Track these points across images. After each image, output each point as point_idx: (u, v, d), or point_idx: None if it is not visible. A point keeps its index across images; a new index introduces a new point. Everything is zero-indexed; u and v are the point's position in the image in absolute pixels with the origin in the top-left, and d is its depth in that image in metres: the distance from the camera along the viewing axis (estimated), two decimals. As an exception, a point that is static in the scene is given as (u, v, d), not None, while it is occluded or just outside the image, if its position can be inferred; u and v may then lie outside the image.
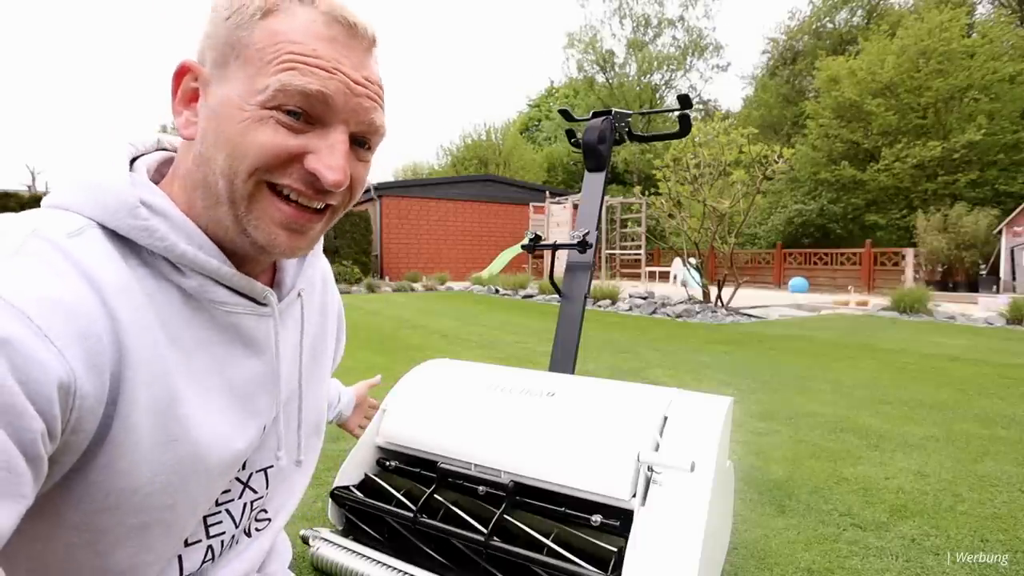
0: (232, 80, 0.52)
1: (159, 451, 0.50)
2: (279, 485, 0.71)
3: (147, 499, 0.51)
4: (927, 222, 13.71)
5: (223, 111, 0.51)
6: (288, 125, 0.51)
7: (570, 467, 1.17)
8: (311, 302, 0.72)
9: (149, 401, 0.49)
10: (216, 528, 0.63)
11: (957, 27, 17.01)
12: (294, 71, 0.50)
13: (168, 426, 0.51)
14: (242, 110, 0.51)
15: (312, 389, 0.72)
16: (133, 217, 0.51)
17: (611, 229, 14.53)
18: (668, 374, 4.03)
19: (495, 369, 1.55)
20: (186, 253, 0.52)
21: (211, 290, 0.55)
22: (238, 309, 0.58)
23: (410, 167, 40.14)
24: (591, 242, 1.92)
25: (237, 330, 0.58)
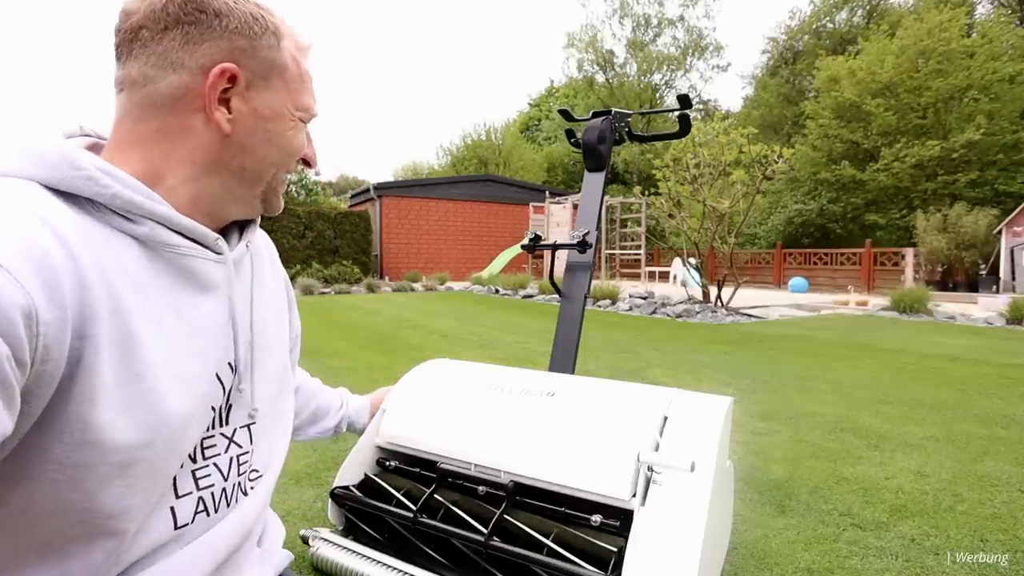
0: (277, 92, 0.65)
1: (124, 384, 0.52)
2: (261, 439, 0.74)
3: (123, 433, 0.52)
4: (927, 222, 13.71)
5: (275, 117, 0.65)
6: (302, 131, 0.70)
7: (570, 467, 1.17)
8: (261, 260, 0.78)
9: (110, 336, 0.51)
10: (205, 480, 0.65)
11: (957, 27, 17.02)
12: (311, 97, 0.69)
13: (130, 363, 0.53)
14: (292, 119, 0.66)
15: (270, 341, 0.76)
16: (75, 168, 0.53)
17: (611, 229, 14.53)
18: (668, 374, 4.04)
19: (495, 369, 1.55)
20: (133, 199, 0.55)
21: (162, 234, 0.57)
22: (192, 251, 0.61)
23: (410, 167, 40.14)
24: (591, 242, 1.91)
25: (193, 274, 0.61)
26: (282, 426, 0.80)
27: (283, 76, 0.64)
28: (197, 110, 0.59)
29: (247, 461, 0.72)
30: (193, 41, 0.58)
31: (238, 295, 0.68)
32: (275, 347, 0.78)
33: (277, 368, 0.78)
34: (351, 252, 15.46)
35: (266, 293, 0.77)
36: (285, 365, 0.81)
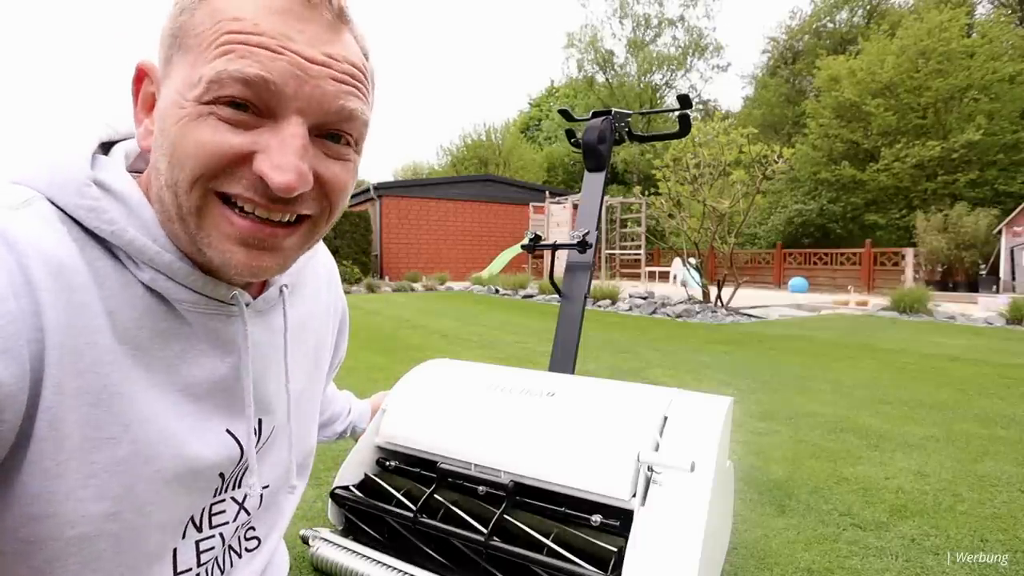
0: (175, 76, 0.45)
1: (91, 451, 0.45)
2: (269, 504, 0.65)
3: (83, 505, 0.45)
4: (927, 222, 13.71)
5: (164, 112, 0.45)
6: (230, 120, 0.43)
7: (570, 467, 1.17)
8: (302, 298, 0.65)
9: (79, 392, 0.44)
10: (207, 555, 0.57)
11: (957, 27, 17.02)
12: (229, 55, 0.42)
13: (104, 423, 0.45)
14: (180, 107, 0.44)
15: (300, 399, 0.66)
16: (80, 195, 0.46)
17: (611, 229, 14.53)
18: (668, 374, 4.03)
19: (495, 369, 1.55)
20: (134, 241, 0.46)
21: (166, 287, 0.48)
22: (199, 308, 0.51)
23: (410, 167, 40.17)
24: (591, 242, 1.91)
25: (203, 328, 0.52)
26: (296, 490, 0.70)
27: (183, 46, 0.45)
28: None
29: (247, 524, 0.63)
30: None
31: (262, 349, 0.57)
32: (306, 398, 0.68)
33: (306, 433, 0.69)
34: (351, 252, 15.46)
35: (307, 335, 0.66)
36: (314, 420, 0.72)
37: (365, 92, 0.49)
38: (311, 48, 0.44)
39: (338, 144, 0.49)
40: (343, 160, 0.49)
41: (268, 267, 0.49)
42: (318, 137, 0.47)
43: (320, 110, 0.45)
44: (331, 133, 0.48)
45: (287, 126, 0.44)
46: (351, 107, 0.47)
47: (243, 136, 0.44)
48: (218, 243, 0.46)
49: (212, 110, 0.43)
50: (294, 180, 0.44)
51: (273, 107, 0.44)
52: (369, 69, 0.50)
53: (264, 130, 0.44)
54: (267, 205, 0.45)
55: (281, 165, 0.43)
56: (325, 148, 0.48)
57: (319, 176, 0.47)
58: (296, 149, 0.44)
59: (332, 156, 0.48)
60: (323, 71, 0.45)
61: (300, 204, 0.47)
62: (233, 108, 0.43)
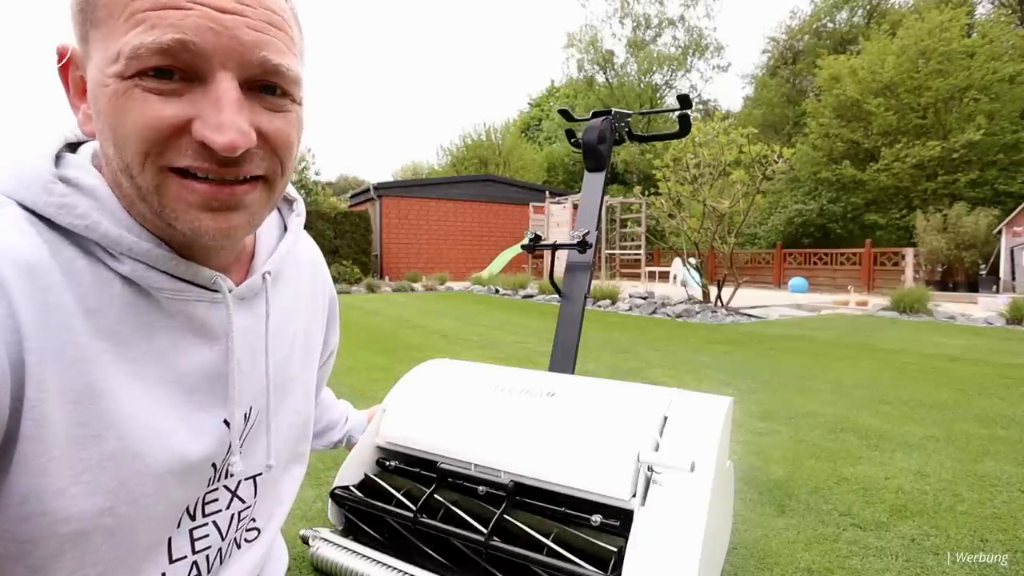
0: (94, 55, 0.43)
1: (79, 447, 0.44)
2: (267, 492, 0.65)
3: (75, 502, 0.45)
4: (927, 222, 13.71)
5: (92, 94, 0.44)
6: (158, 90, 0.42)
7: (570, 467, 1.17)
8: (286, 286, 0.64)
9: (62, 389, 0.43)
10: (202, 542, 0.57)
11: (957, 27, 17.02)
12: (142, 25, 0.40)
13: (89, 420, 0.45)
14: (104, 86, 0.42)
15: (289, 386, 0.65)
16: (48, 192, 0.45)
17: (611, 229, 14.53)
18: (668, 374, 4.03)
19: (495, 369, 1.55)
20: (109, 233, 0.45)
21: (146, 276, 0.48)
22: (183, 295, 0.50)
23: (410, 167, 40.17)
24: (591, 242, 1.91)
25: (186, 317, 0.51)
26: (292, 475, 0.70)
27: (94, 20, 0.42)
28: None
29: (247, 516, 0.63)
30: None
31: (245, 341, 0.57)
32: (299, 393, 0.68)
33: (296, 418, 0.68)
34: (351, 252, 15.46)
35: (294, 323, 0.65)
36: (308, 408, 0.71)
37: (288, 39, 0.47)
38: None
39: (275, 96, 0.47)
40: (283, 112, 0.48)
41: (238, 226, 0.48)
42: (252, 91, 0.45)
43: (244, 62, 0.43)
44: (265, 85, 0.46)
45: (217, 85, 0.42)
46: (274, 61, 0.45)
47: (175, 104, 0.42)
48: (183, 214, 0.45)
49: (137, 83, 0.41)
50: (235, 138, 0.42)
51: (197, 67, 0.42)
52: (289, 10, 0.48)
53: (195, 94, 0.43)
54: (217, 170, 0.44)
55: (220, 125, 0.42)
56: (263, 102, 0.46)
57: (262, 132, 0.46)
58: (231, 105, 0.42)
59: (272, 109, 0.47)
60: (237, 20, 0.42)
61: (249, 163, 0.46)
62: (157, 78, 0.41)
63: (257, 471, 0.62)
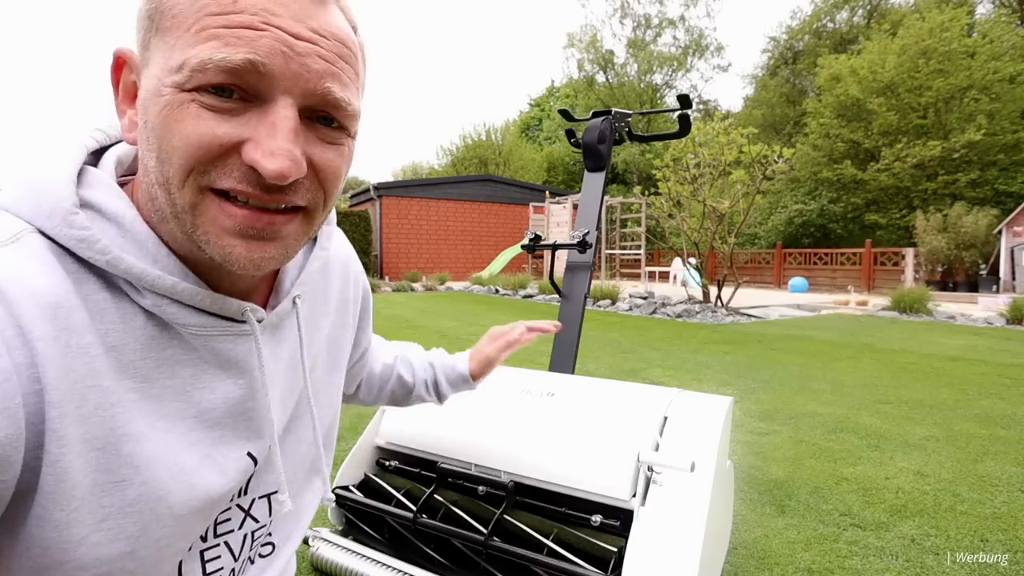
0: (153, 61, 0.42)
1: (103, 495, 0.43)
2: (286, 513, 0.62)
3: (96, 548, 0.43)
4: (927, 222, 13.72)
5: (145, 101, 0.42)
6: (215, 107, 0.40)
7: (570, 467, 1.17)
8: (316, 305, 0.62)
9: (85, 438, 0.41)
10: (213, 564, 0.55)
11: (958, 27, 17.02)
12: (214, 41, 0.39)
13: (113, 466, 0.43)
14: (159, 95, 0.40)
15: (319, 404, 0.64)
16: (68, 225, 0.42)
17: (611, 229, 14.53)
18: (668, 374, 4.03)
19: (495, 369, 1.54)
20: (132, 268, 0.43)
21: (170, 312, 0.45)
22: (207, 331, 0.48)
23: (410, 167, 40.18)
24: (591, 242, 1.92)
25: (210, 351, 0.49)
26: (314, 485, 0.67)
27: (160, 28, 0.41)
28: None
29: (261, 535, 0.61)
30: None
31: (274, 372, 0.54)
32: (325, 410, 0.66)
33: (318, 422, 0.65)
34: (351, 252, 15.47)
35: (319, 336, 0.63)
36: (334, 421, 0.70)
37: (354, 73, 0.46)
38: (296, 23, 0.41)
39: (328, 128, 0.45)
40: (336, 145, 0.46)
41: (271, 257, 0.46)
42: (309, 120, 0.44)
43: (308, 91, 0.42)
44: (322, 116, 0.45)
45: (276, 109, 0.41)
46: (337, 95, 0.44)
47: (229, 124, 0.41)
48: (216, 238, 0.43)
49: (194, 97, 0.40)
50: (288, 166, 0.41)
51: (259, 89, 0.41)
52: (358, 44, 0.47)
53: (251, 115, 0.41)
54: (261, 196, 0.43)
55: (273, 151, 0.41)
56: (317, 132, 0.45)
57: (312, 162, 0.44)
58: (287, 133, 0.41)
59: (325, 141, 0.45)
60: (310, 48, 0.41)
61: (294, 193, 0.44)
62: (217, 95, 0.40)
63: (271, 489, 0.59)
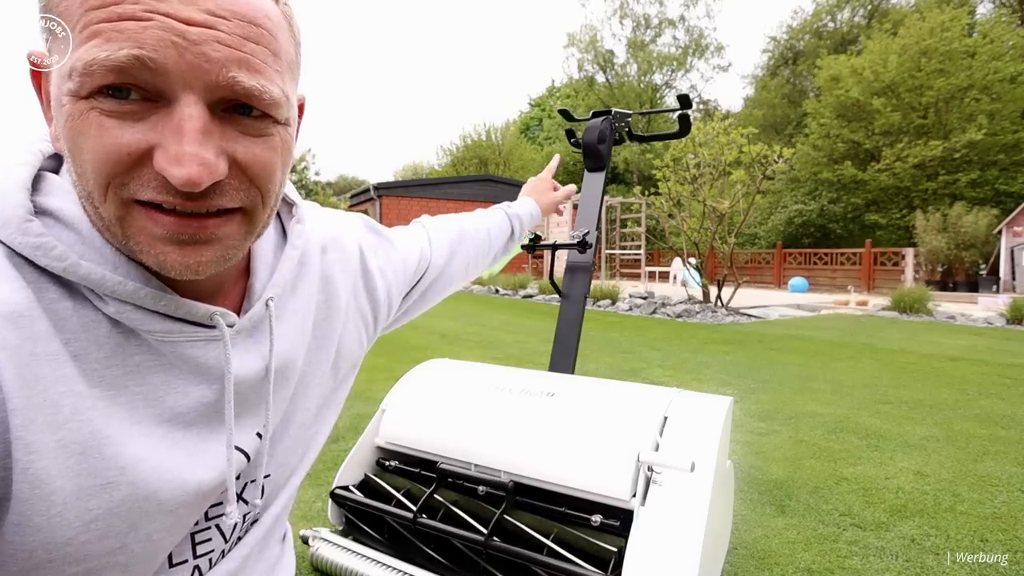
0: (53, 66, 0.38)
1: (89, 498, 0.42)
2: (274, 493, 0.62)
3: (85, 547, 0.43)
4: (927, 222, 13.72)
5: (54, 113, 0.39)
6: (115, 113, 0.37)
7: (570, 467, 1.17)
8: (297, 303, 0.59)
9: (62, 444, 0.40)
10: (204, 546, 0.55)
11: (958, 27, 17.03)
12: (96, 39, 0.35)
13: (97, 469, 0.42)
14: (61, 107, 0.37)
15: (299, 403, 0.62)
16: (23, 233, 0.40)
17: (611, 229, 14.52)
18: (668, 374, 4.03)
19: (495, 369, 1.55)
20: (90, 275, 0.41)
21: (134, 318, 0.43)
22: (174, 337, 0.46)
23: (410, 167, 40.21)
24: (591, 242, 1.91)
25: (178, 357, 0.47)
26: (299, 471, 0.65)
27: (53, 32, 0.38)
28: None
29: (253, 517, 0.60)
30: None
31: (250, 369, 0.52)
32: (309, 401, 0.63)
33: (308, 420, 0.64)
34: (351, 252, 15.47)
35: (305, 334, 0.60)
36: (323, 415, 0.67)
37: (270, 54, 0.41)
38: (186, 6, 0.36)
39: (251, 118, 0.41)
40: (263, 136, 0.42)
41: (208, 261, 0.42)
42: (225, 113, 0.40)
43: (211, 83, 0.38)
44: (239, 106, 0.40)
45: (179, 108, 0.37)
46: (246, 84, 0.39)
47: (134, 129, 0.37)
48: (148, 246, 0.40)
49: (93, 104, 0.36)
50: (196, 171, 0.37)
51: (159, 88, 0.37)
52: (279, 15, 0.42)
53: (157, 118, 0.37)
54: (184, 203, 0.39)
55: (179, 157, 0.36)
56: (238, 125, 0.40)
57: (237, 160, 0.40)
58: (193, 135, 0.37)
59: (249, 134, 0.41)
60: (205, 33, 0.37)
61: (220, 196, 0.41)
62: (115, 98, 0.36)
63: (264, 473, 0.59)
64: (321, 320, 0.64)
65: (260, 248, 0.56)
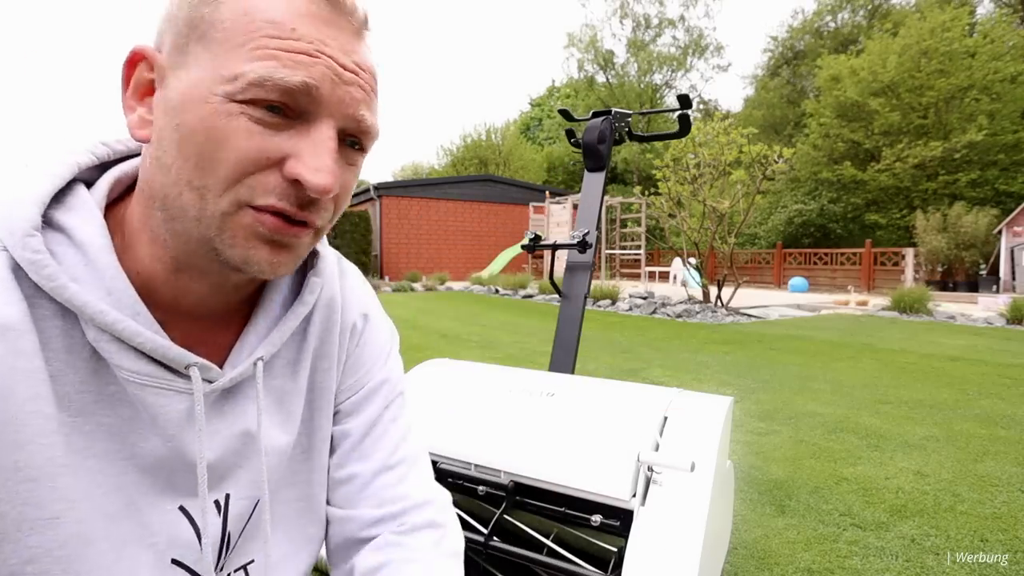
0: (193, 66, 0.42)
1: (29, 533, 0.40)
2: None
3: None
4: (927, 222, 13.72)
5: (180, 104, 0.42)
6: (264, 122, 0.42)
7: (570, 467, 1.17)
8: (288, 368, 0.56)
9: (17, 467, 0.39)
10: None
11: (959, 26, 17.03)
12: (272, 61, 0.41)
13: (44, 500, 0.40)
14: (205, 102, 0.41)
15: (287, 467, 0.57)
16: (23, 247, 0.42)
17: (611, 229, 14.53)
18: (668, 374, 4.03)
19: (495, 369, 1.54)
20: (74, 298, 0.42)
21: (107, 349, 0.43)
22: (141, 379, 0.45)
23: (410, 167, 40.22)
24: (591, 242, 1.91)
25: (140, 401, 0.45)
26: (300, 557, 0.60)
27: (206, 37, 0.42)
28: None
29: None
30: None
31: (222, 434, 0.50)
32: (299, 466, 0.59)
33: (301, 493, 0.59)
34: (351, 252, 15.47)
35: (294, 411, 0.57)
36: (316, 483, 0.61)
37: (376, 104, 0.50)
38: (343, 55, 0.44)
39: (353, 151, 0.48)
40: (353, 166, 0.49)
41: (286, 263, 0.47)
42: (340, 142, 0.46)
43: (347, 116, 0.45)
44: (349, 139, 0.47)
45: (321, 129, 0.44)
46: (370, 122, 0.47)
47: (276, 139, 0.43)
48: (243, 243, 0.44)
49: (244, 110, 0.41)
50: (331, 182, 0.44)
51: (306, 110, 0.43)
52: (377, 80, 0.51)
53: (293, 133, 0.43)
54: (296, 212, 0.45)
55: (319, 168, 0.43)
56: (343, 154, 0.47)
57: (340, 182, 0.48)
58: (331, 152, 0.44)
59: (348, 163, 0.48)
60: (353, 78, 0.45)
61: (316, 211, 0.46)
62: (268, 110, 0.42)
63: (247, 559, 0.55)
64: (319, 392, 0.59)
65: (269, 295, 0.54)
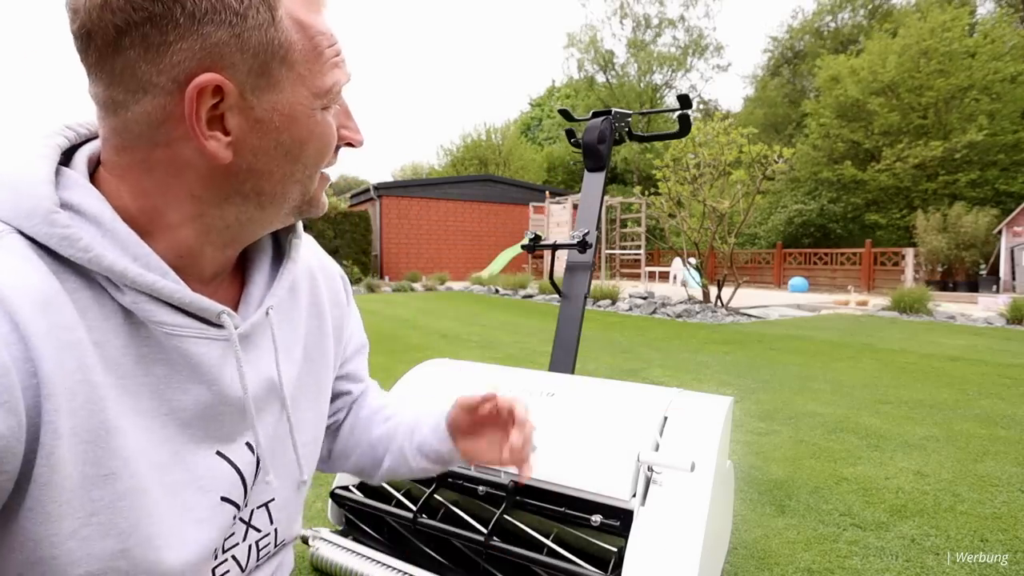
0: (284, 85, 0.49)
1: (91, 488, 0.44)
2: (282, 516, 0.64)
3: (86, 544, 0.44)
4: (927, 222, 13.72)
5: (287, 120, 0.50)
6: (329, 112, 0.54)
7: (570, 467, 1.17)
8: (291, 315, 0.64)
9: (75, 431, 0.43)
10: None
11: (959, 26, 17.03)
12: (337, 69, 0.53)
13: (102, 459, 0.44)
14: (309, 116, 0.51)
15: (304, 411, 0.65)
16: (50, 224, 0.44)
17: (611, 229, 14.53)
18: (668, 374, 4.03)
19: (495, 369, 1.55)
20: (114, 265, 0.45)
21: (147, 309, 0.47)
22: (182, 331, 0.49)
23: (410, 167, 40.22)
24: (591, 242, 1.92)
25: (180, 353, 0.50)
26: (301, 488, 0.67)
27: (287, 60, 0.48)
28: (187, 138, 0.46)
29: (267, 545, 0.62)
30: (156, 48, 0.43)
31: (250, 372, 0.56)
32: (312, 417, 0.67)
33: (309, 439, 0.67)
34: (351, 252, 15.46)
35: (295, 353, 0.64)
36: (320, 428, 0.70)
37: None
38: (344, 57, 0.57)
39: None
40: None
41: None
42: None
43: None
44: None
45: (342, 102, 0.56)
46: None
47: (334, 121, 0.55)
48: (321, 198, 0.58)
49: (326, 112, 0.53)
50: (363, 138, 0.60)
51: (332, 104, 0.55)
52: None
53: (332, 110, 0.54)
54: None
55: (357, 129, 0.58)
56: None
57: None
58: (355, 116, 0.59)
59: None
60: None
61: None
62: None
63: (269, 498, 0.61)
64: (313, 344, 0.67)
65: (257, 256, 0.61)
